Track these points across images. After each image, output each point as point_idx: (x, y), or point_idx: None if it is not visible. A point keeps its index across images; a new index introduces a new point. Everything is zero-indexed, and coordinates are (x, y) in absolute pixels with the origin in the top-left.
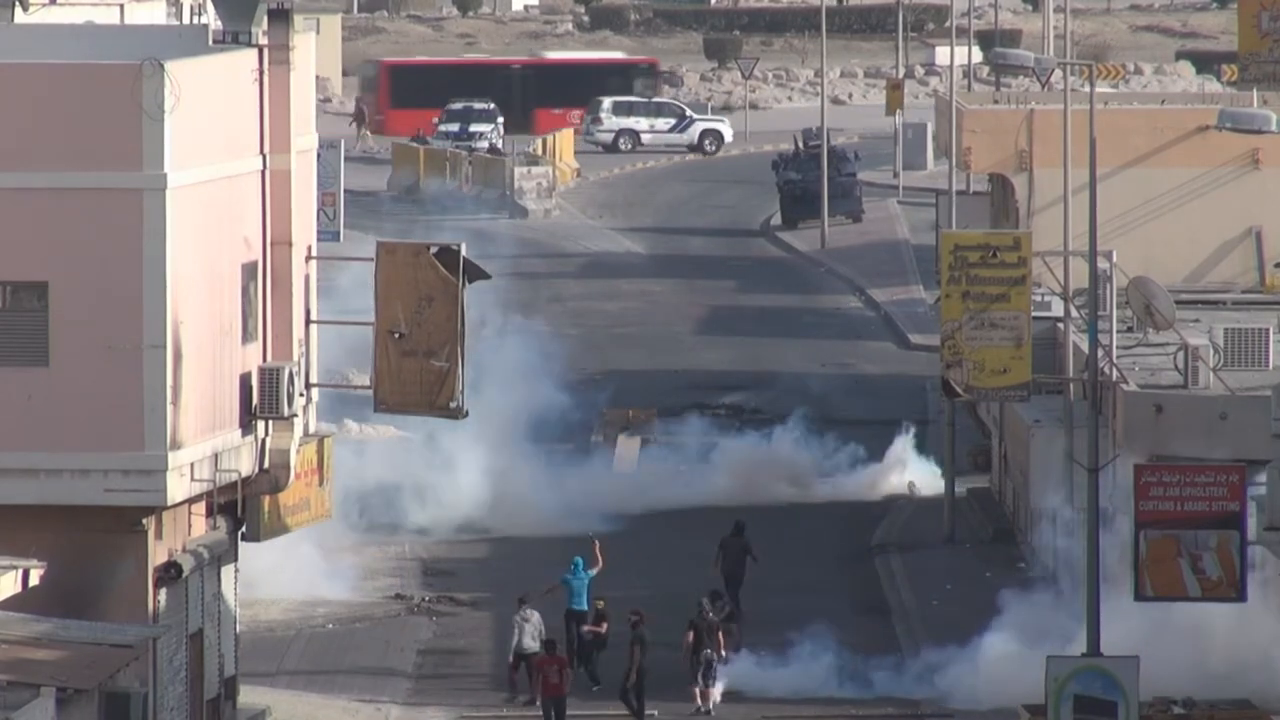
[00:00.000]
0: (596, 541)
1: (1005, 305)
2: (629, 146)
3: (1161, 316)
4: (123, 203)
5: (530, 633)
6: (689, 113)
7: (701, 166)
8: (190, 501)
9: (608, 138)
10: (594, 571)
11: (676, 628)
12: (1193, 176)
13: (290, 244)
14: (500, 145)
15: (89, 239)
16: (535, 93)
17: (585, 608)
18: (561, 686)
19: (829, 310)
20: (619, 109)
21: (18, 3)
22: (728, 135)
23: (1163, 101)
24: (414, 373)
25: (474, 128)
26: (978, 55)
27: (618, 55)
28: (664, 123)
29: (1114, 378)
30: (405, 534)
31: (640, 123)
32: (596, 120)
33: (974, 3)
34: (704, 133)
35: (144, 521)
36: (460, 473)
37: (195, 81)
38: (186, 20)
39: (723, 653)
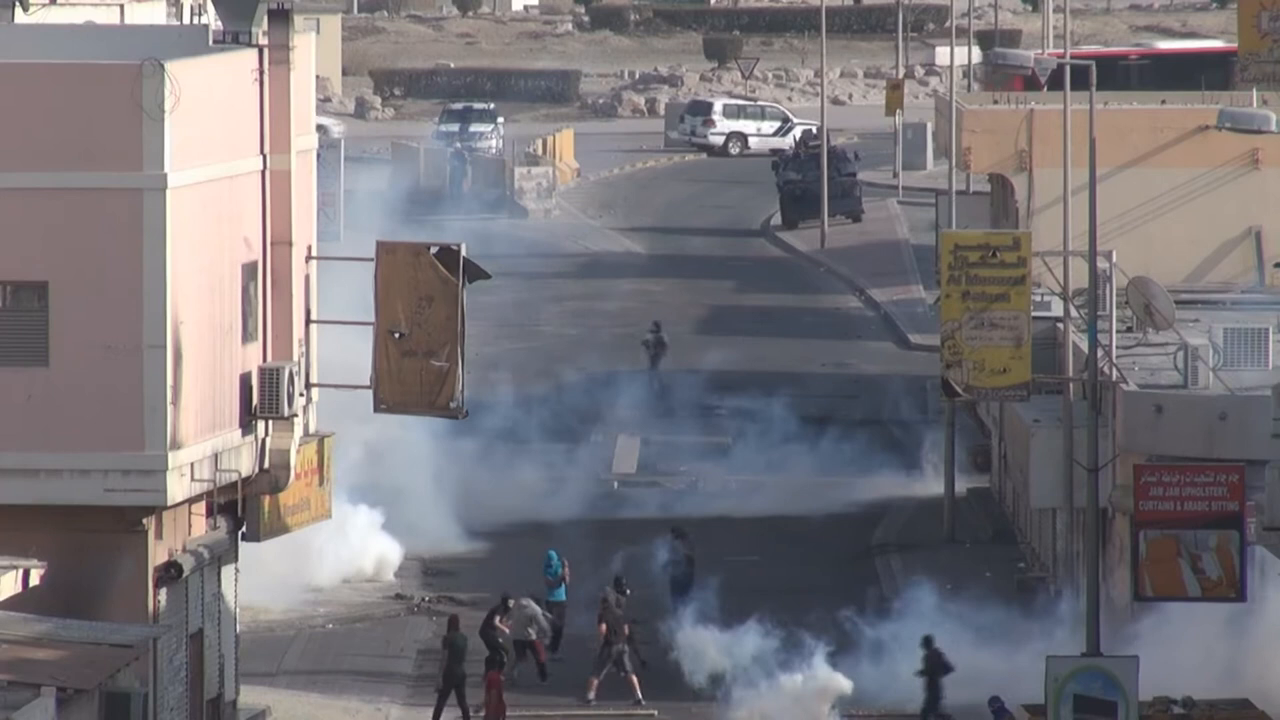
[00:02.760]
0: (566, 564)
1: (1005, 305)
2: (738, 149)
3: (1161, 316)
4: (123, 203)
5: (523, 623)
6: (791, 117)
7: (701, 166)
8: (190, 501)
9: (719, 140)
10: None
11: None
12: (1193, 176)
13: (290, 244)
14: (500, 146)
15: (89, 239)
16: (1152, 84)
17: (564, 599)
18: (498, 705)
19: (829, 310)
20: (729, 111)
21: (18, 3)
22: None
23: (1163, 101)
24: (414, 373)
25: (474, 128)
26: (978, 55)
27: (1217, 44)
28: (769, 125)
29: (1114, 378)
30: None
31: (748, 125)
32: (709, 122)
33: (974, 3)
34: (804, 135)
35: (144, 521)
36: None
37: (195, 81)
38: (186, 20)
39: (624, 646)
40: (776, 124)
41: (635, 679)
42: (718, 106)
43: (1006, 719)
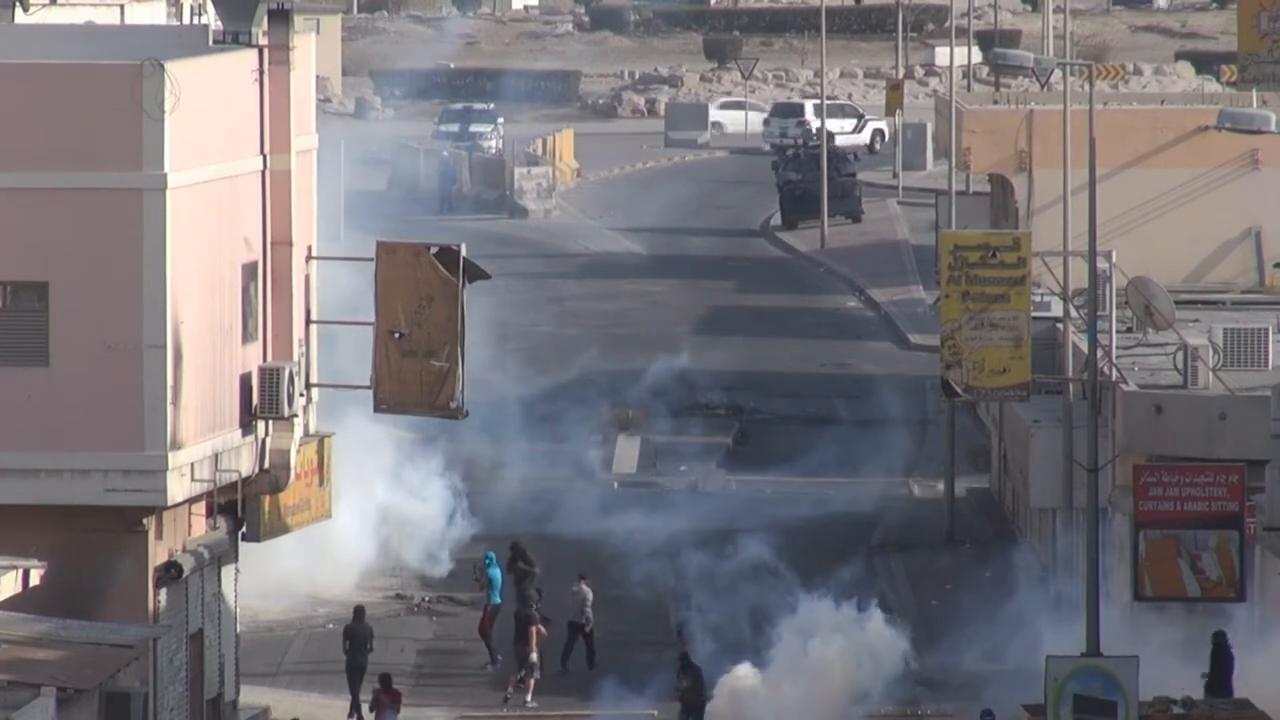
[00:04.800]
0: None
1: (1005, 305)
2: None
3: (1161, 316)
4: (123, 203)
5: (575, 607)
6: (865, 114)
7: (702, 166)
8: (190, 501)
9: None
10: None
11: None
12: (1193, 176)
13: (290, 244)
14: (500, 146)
15: (89, 239)
16: None
17: (499, 602)
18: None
19: (829, 310)
20: (817, 110)
21: (18, 3)
22: (888, 134)
23: (1163, 101)
24: (414, 373)
25: (474, 128)
26: (978, 55)
27: None
28: (847, 123)
29: (1114, 378)
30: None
31: (832, 124)
32: (803, 123)
33: (974, 3)
34: (874, 132)
35: (144, 521)
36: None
37: (195, 81)
38: (186, 20)
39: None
40: (853, 121)
41: (517, 681)
42: (809, 107)
43: None
